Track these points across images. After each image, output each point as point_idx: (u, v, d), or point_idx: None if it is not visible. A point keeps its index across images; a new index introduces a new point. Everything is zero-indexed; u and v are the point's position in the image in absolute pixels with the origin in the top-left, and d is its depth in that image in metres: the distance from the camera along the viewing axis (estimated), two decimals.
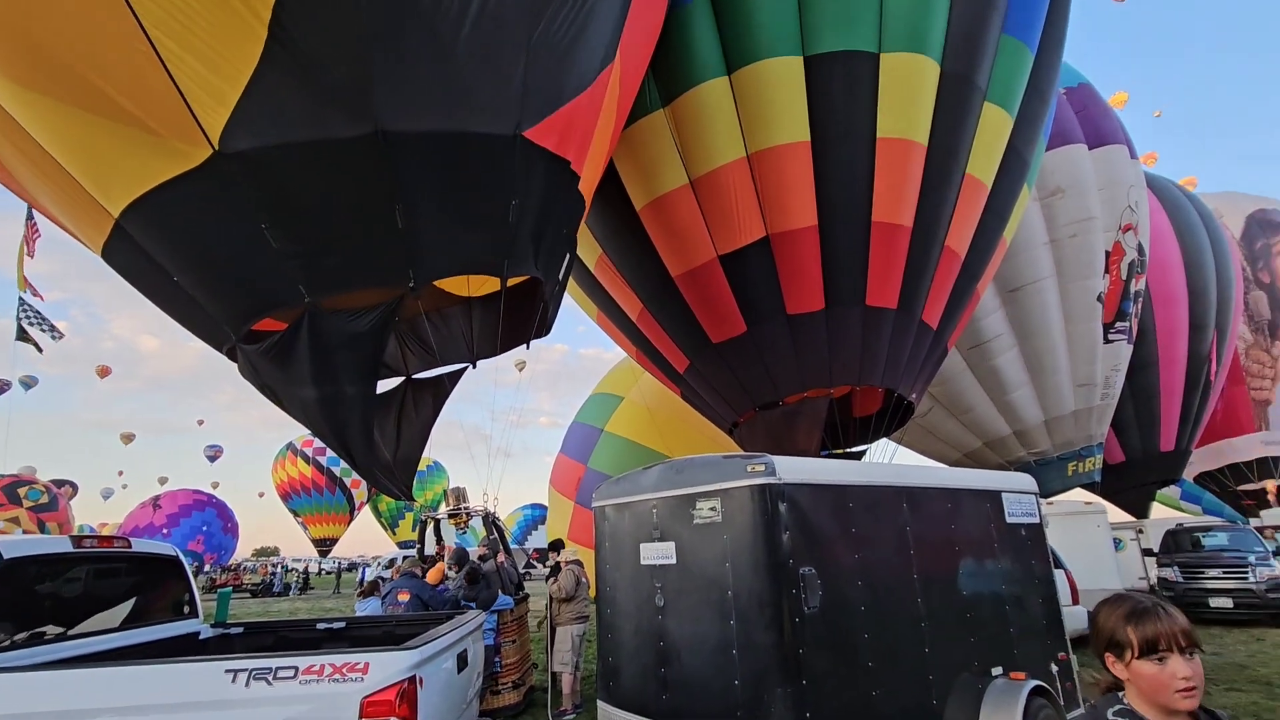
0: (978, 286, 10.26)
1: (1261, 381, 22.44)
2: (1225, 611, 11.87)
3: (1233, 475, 22.50)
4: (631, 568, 5.47)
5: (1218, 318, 18.28)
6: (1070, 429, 15.97)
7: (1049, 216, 14.49)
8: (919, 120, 7.98)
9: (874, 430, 10.87)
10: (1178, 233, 18.02)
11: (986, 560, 7.59)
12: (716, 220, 8.34)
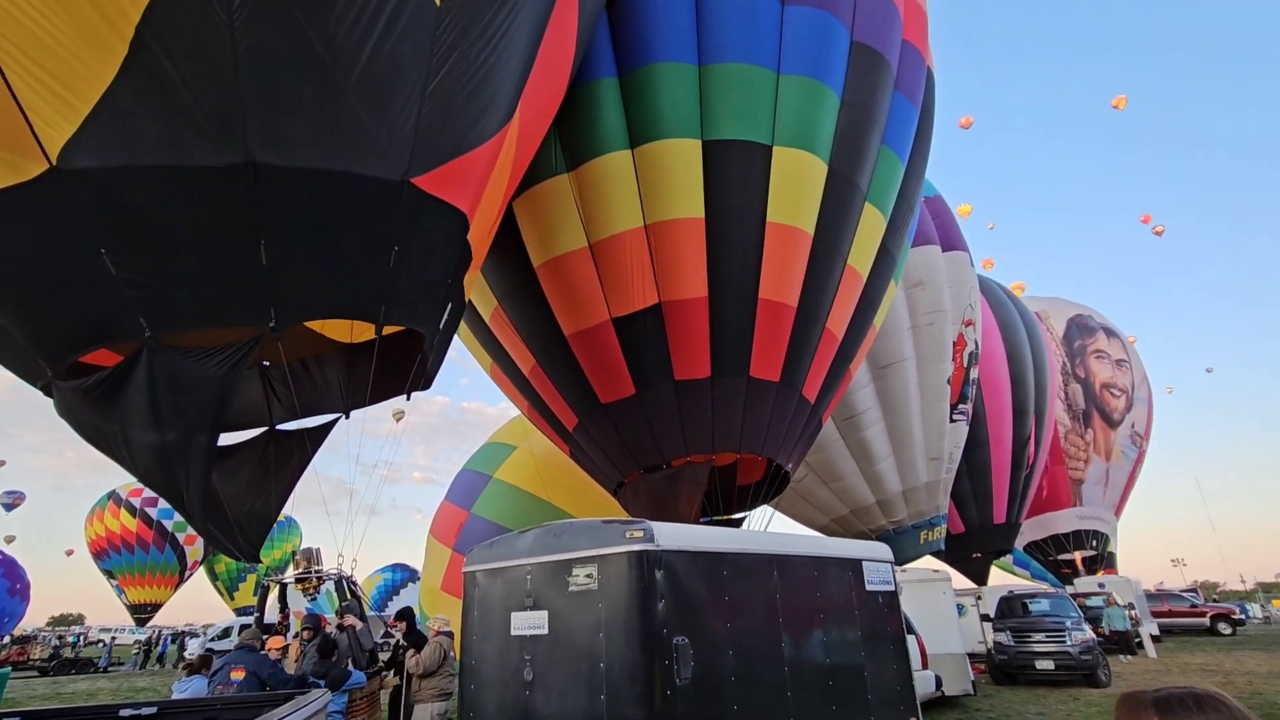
0: (851, 366, 10.56)
1: (1076, 463, 24.60)
2: (1049, 673, 12.43)
3: (1053, 546, 24.34)
4: (501, 638, 4.89)
5: (1036, 404, 19.95)
6: (923, 499, 16.72)
7: (911, 305, 15.43)
8: (807, 210, 8.20)
9: (753, 498, 10.86)
10: (1001, 328, 19.63)
11: (848, 627, 7.52)
12: (612, 284, 8.16)
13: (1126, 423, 25.83)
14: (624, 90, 7.97)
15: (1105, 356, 26.21)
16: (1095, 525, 24.47)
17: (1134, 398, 26.31)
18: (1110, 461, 24.94)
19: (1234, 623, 27.90)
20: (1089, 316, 27.29)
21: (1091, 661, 12.35)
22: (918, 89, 9.00)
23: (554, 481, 13.81)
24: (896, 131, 8.70)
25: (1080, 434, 24.72)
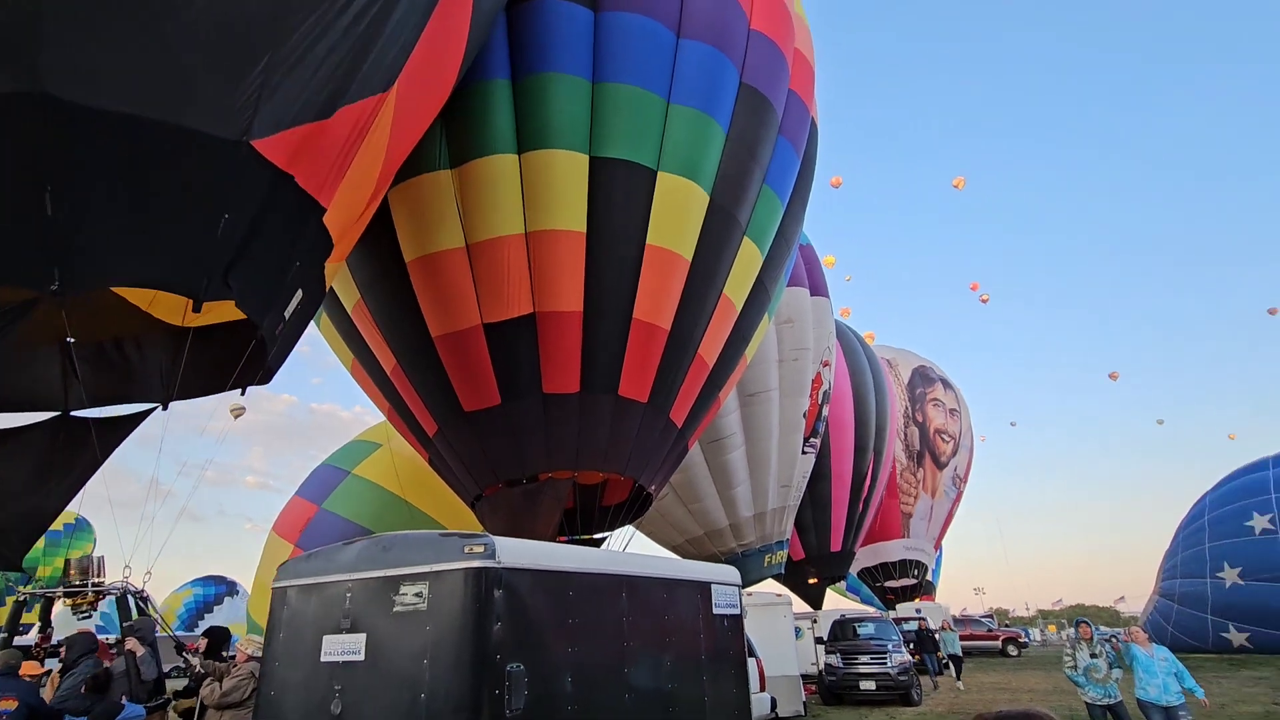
0: (721, 394, 10.66)
1: (908, 498, 26.53)
2: (871, 693, 13.05)
3: (882, 573, 26.00)
4: (308, 665, 4.20)
5: (876, 443, 21.34)
6: (771, 524, 17.22)
7: (780, 340, 16.04)
8: (687, 237, 8.16)
9: (614, 518, 10.62)
10: (852, 372, 20.91)
11: (693, 651, 7.38)
12: (487, 288, 7.68)
13: (951, 465, 28.24)
14: (516, 94, 7.61)
15: (941, 405, 28.62)
16: (918, 556, 26.42)
17: (960, 444, 28.86)
18: (935, 499, 27.12)
19: (1020, 645, 31.22)
20: (931, 368, 29.77)
21: (907, 682, 13.07)
22: (801, 137, 9.32)
23: (418, 483, 12.84)
24: (778, 174, 8.92)
25: (913, 472, 26.73)
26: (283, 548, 12.99)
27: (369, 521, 12.88)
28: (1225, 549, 24.12)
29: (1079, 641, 7.19)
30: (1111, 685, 6.83)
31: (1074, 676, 7.05)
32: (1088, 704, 6.91)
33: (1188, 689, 6.35)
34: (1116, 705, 6.77)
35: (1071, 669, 7.05)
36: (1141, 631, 6.92)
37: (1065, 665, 7.12)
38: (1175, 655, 6.70)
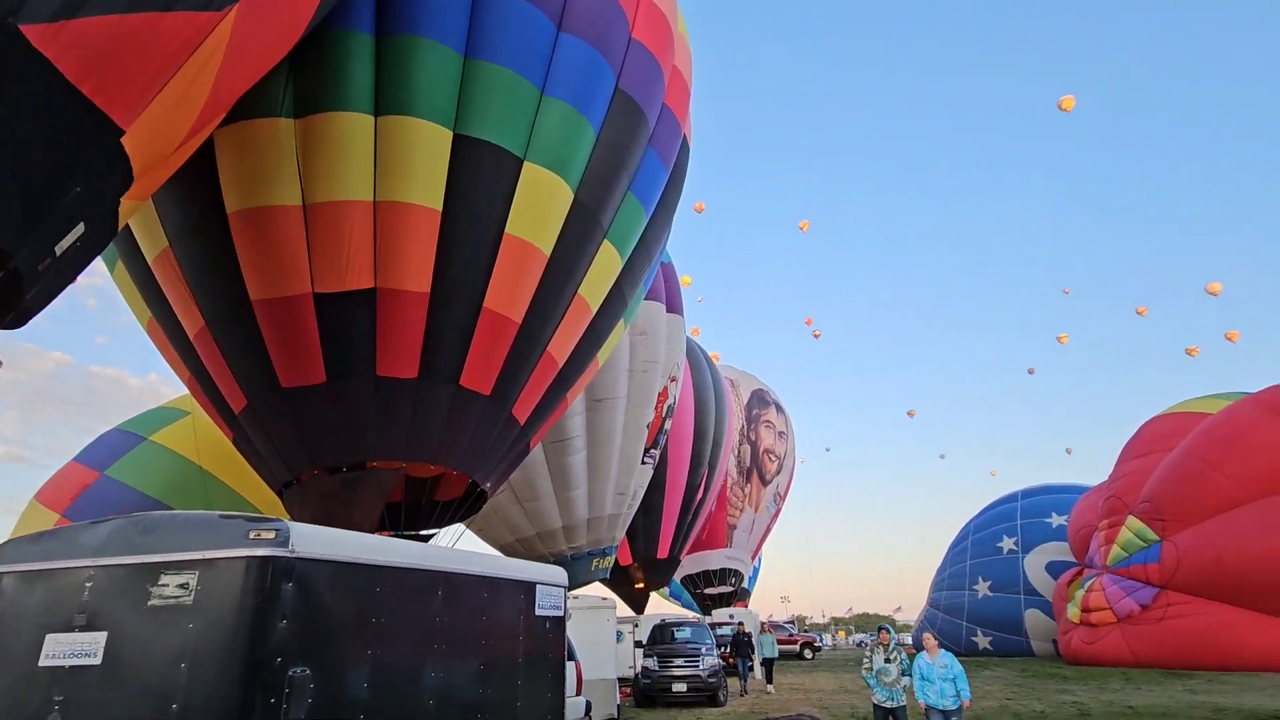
0: (568, 394, 10.41)
1: (735, 510, 27.88)
2: (682, 695, 13.35)
3: (703, 579, 27.04)
4: (19, 671, 3.36)
5: (711, 457, 22.25)
6: (604, 529, 17.21)
7: (633, 350, 16.13)
8: (547, 231, 7.88)
9: (444, 515, 9.96)
10: (696, 388, 21.64)
11: (511, 653, 7.01)
12: (323, 254, 6.88)
13: (774, 483, 30.11)
14: (380, 52, 6.93)
15: (772, 427, 30.47)
16: (738, 565, 27.80)
17: (784, 465, 30.88)
18: (758, 513, 28.75)
19: (815, 649, 33.99)
20: (768, 392, 31.64)
21: (716, 684, 13.51)
22: (671, 152, 9.42)
23: (228, 456, 11.24)
24: (645, 183, 8.93)
25: (741, 487, 28.16)
26: (44, 518, 10.87)
27: (159, 493, 11.13)
28: (981, 566, 27.81)
29: (877, 646, 7.38)
30: (898, 690, 7.04)
31: (867, 678, 7.30)
32: (874, 705, 7.18)
33: (959, 690, 6.68)
34: (899, 709, 7.02)
35: (867, 671, 7.31)
36: (932, 639, 7.21)
37: (863, 667, 7.39)
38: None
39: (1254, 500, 16.18)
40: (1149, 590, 17.40)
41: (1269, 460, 16.36)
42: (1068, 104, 28.29)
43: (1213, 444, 17.63)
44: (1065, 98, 28.02)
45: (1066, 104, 28.30)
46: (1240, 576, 15.67)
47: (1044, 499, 28.94)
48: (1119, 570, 18.28)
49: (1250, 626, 15.50)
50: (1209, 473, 17.13)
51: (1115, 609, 17.95)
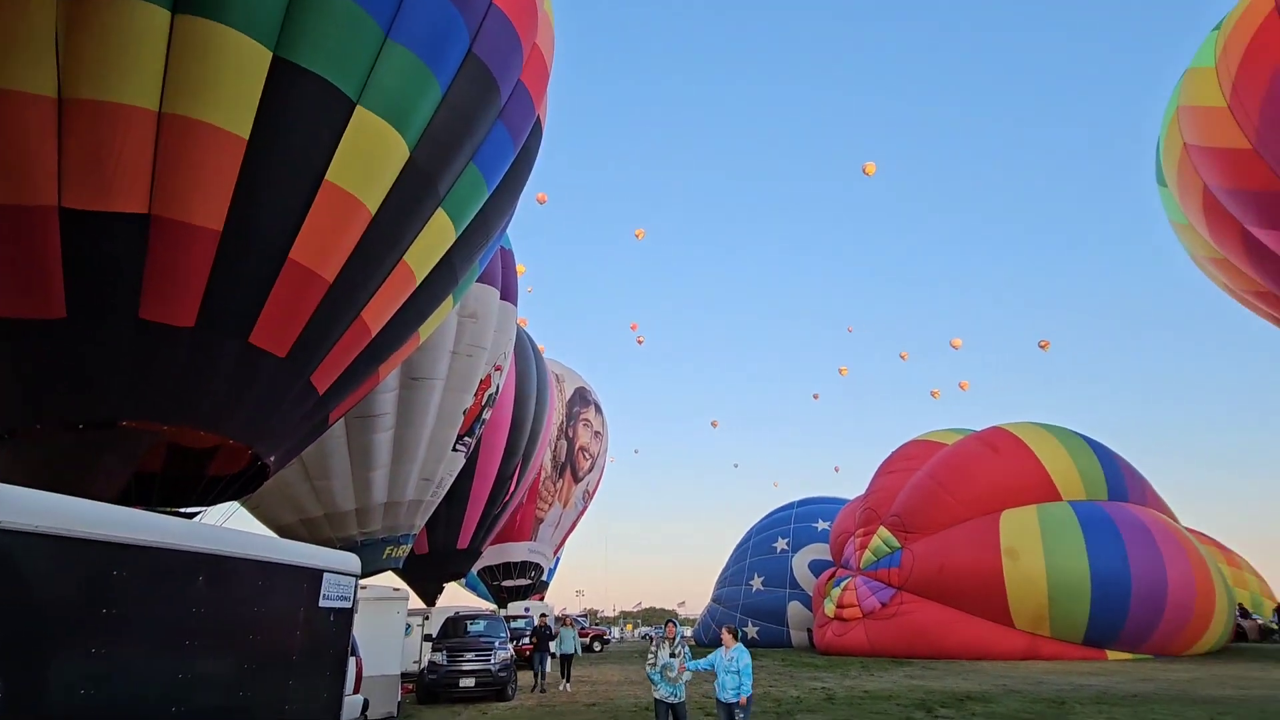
0: (380, 368, 9.50)
1: (544, 504, 27.66)
2: (470, 690, 12.83)
3: (502, 572, 26.48)
4: None
5: (526, 449, 21.89)
6: (403, 516, 16.10)
7: (459, 331, 15.27)
8: (374, 186, 7.10)
9: (215, 491, 8.57)
10: (519, 377, 21.10)
11: (285, 650, 6.17)
12: (80, 163, 5.53)
13: (586, 481, 30.43)
14: None
15: (590, 426, 30.75)
16: (538, 559, 27.63)
17: (597, 463, 31.34)
18: (566, 509, 28.84)
19: (604, 642, 35.02)
20: (590, 391, 31.89)
21: (506, 678, 13.18)
22: (522, 130, 9.01)
23: None
24: (490, 157, 8.43)
25: (554, 482, 28.04)
26: None
27: None
28: (757, 564, 30.52)
29: (663, 640, 7.09)
30: (680, 685, 6.83)
31: (651, 674, 6.98)
32: (656, 700, 6.97)
33: (741, 683, 6.55)
34: (679, 705, 6.86)
35: (651, 666, 6.98)
36: (728, 632, 6.94)
37: (647, 663, 7.09)
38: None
39: (970, 519, 19.54)
40: (889, 590, 20.20)
41: (984, 486, 19.86)
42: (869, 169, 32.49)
43: (945, 469, 21.00)
44: (868, 164, 32.17)
45: (868, 169, 32.48)
46: (955, 581, 18.78)
47: (814, 507, 32.53)
48: (869, 572, 21.02)
49: (960, 623, 18.63)
50: (941, 493, 20.36)
51: (862, 606, 20.60)
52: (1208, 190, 18.30)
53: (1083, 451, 20.24)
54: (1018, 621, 17.90)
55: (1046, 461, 19.73)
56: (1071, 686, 11.89)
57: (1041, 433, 20.87)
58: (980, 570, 18.30)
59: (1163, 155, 20.43)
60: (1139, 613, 17.06)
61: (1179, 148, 19.07)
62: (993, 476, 19.86)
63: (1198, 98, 18.31)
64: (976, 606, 18.36)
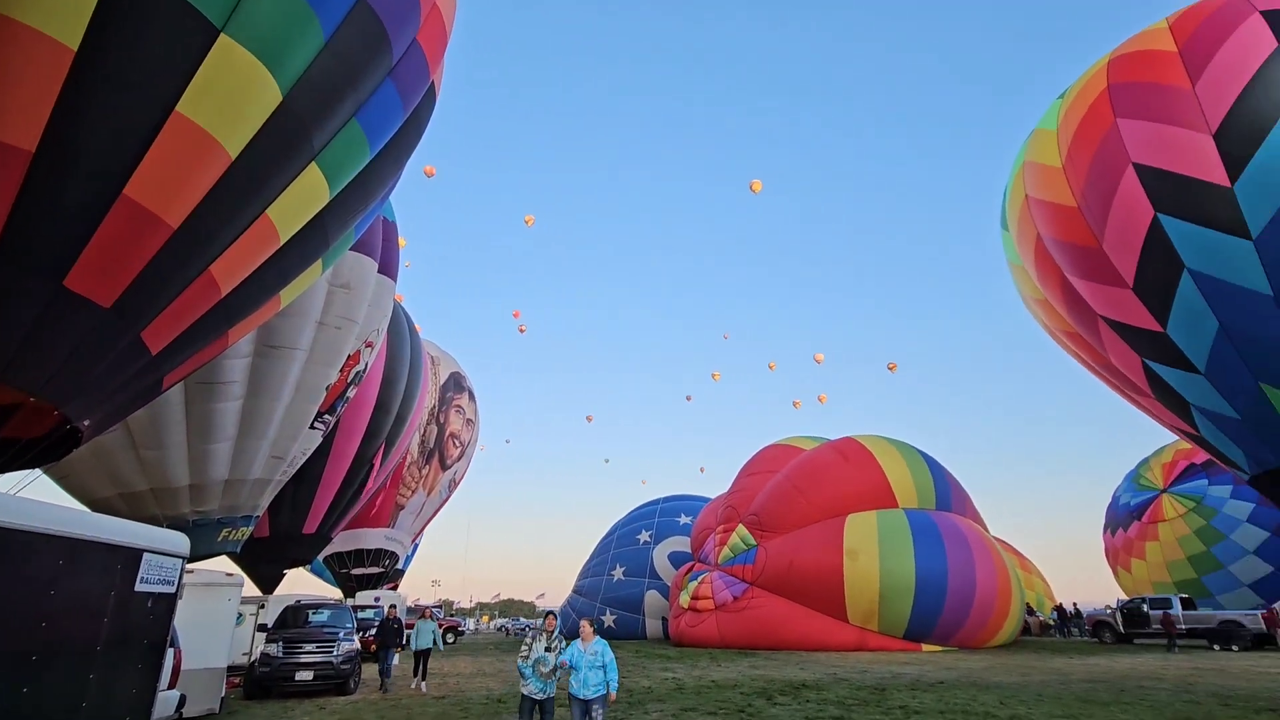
0: (230, 331, 8.58)
1: (407, 490, 26.34)
2: (308, 683, 11.93)
3: (353, 559, 24.97)
4: None
5: (391, 432, 20.74)
6: (245, 496, 14.74)
7: (328, 302, 14.13)
8: (236, 127, 6.35)
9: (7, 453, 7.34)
10: (391, 355, 19.68)
11: (88, 639, 5.44)
12: None
13: (453, 470, 29.40)
14: None
15: (462, 413, 29.69)
16: (394, 547, 26.35)
17: (466, 452, 30.36)
18: (430, 496, 27.69)
19: (459, 633, 34.18)
20: (465, 377, 30.78)
21: (349, 670, 12.41)
22: (414, 94, 8.46)
23: None
24: (375, 117, 7.85)
25: (420, 468, 26.81)
26: None
27: None
28: (620, 555, 31.08)
29: (540, 634, 6.69)
30: (551, 682, 6.52)
31: (523, 668, 6.56)
32: (523, 695, 6.54)
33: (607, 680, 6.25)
34: (547, 701, 6.50)
35: (524, 660, 6.58)
36: (588, 625, 6.59)
37: (520, 656, 6.64)
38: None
39: (820, 521, 21.02)
40: (742, 585, 21.28)
41: (833, 491, 21.43)
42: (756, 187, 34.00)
43: (801, 474, 22.44)
44: (754, 181, 33.66)
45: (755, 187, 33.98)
46: (801, 578, 20.11)
47: (679, 504, 33.61)
48: (725, 568, 22.02)
49: (802, 617, 19.98)
50: (796, 496, 21.74)
51: (716, 599, 21.54)
52: (1040, 238, 20.88)
53: (918, 465, 22.39)
54: (851, 617, 19.49)
55: (888, 472, 21.63)
56: (890, 675, 13.12)
57: (886, 445, 22.85)
58: (824, 568, 19.73)
59: (1008, 202, 23.09)
60: (951, 610, 19.15)
61: (1022, 198, 21.61)
62: (842, 483, 21.48)
63: (1040, 155, 20.86)
64: (817, 602, 19.78)
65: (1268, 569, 27.51)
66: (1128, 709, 8.90)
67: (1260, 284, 16.20)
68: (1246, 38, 16.32)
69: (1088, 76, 19.98)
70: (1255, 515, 27.60)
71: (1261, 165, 15.90)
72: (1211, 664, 14.89)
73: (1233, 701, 9.37)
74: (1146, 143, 17.34)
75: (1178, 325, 17.56)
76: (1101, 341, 20.36)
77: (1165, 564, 30.62)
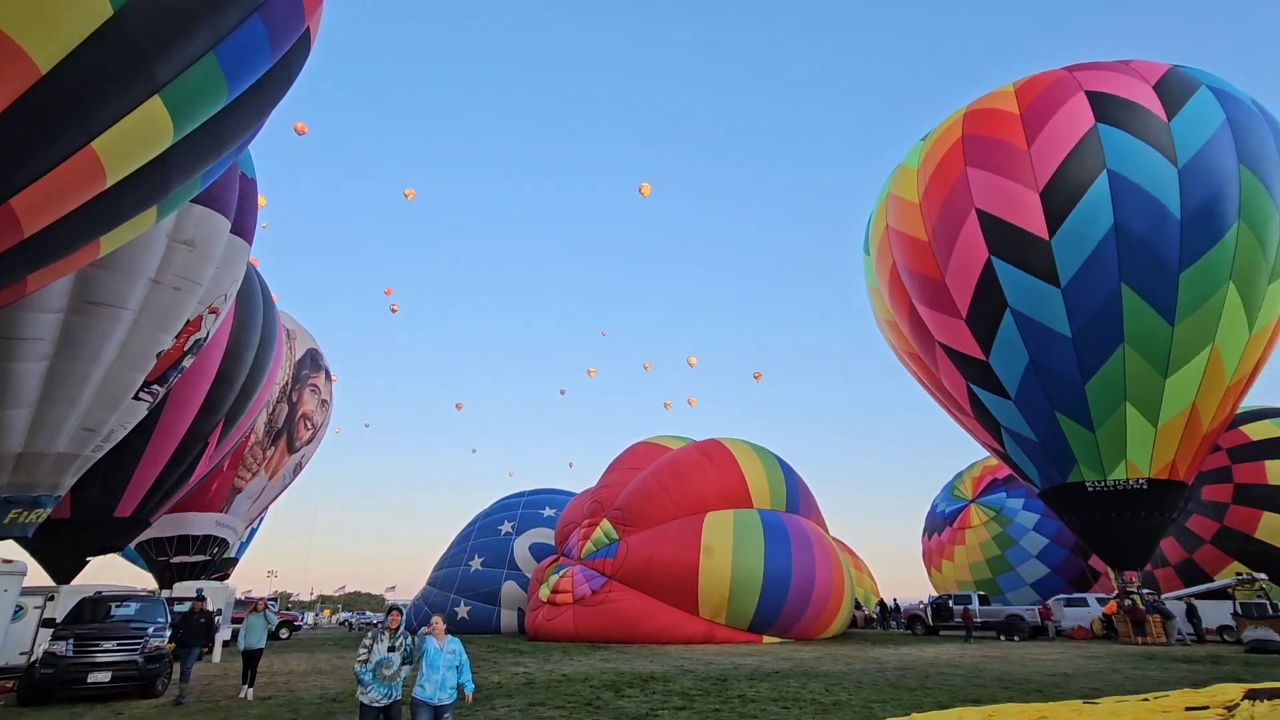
0: (29, 277, 7.27)
1: (246, 473, 23.83)
2: (104, 685, 10.36)
3: (175, 545, 22.26)
4: None
5: (233, 408, 18.68)
6: (44, 472, 12.70)
7: (167, 259, 12.40)
8: (49, 36, 5.31)
9: None
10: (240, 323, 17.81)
11: None
12: None
13: (301, 453, 27.07)
14: None
15: (317, 393, 27.38)
16: (225, 534, 23.82)
17: (317, 435, 28.06)
18: (271, 480, 25.30)
19: (294, 628, 31.64)
20: (322, 355, 28.42)
21: (156, 670, 10.97)
22: (284, 38, 7.56)
23: None
24: (237, 54, 6.95)
25: (264, 449, 24.39)
26: None
27: None
28: (480, 545, 30.30)
29: (382, 632, 5.90)
30: (395, 685, 5.78)
31: (361, 673, 5.68)
32: (362, 705, 5.63)
33: (461, 684, 5.66)
34: (392, 706, 5.75)
35: (362, 664, 5.70)
36: (440, 622, 5.94)
37: (358, 659, 5.76)
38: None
39: (681, 517, 21.66)
40: (601, 579, 21.43)
41: (696, 489, 22.16)
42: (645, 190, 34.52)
43: (667, 471, 23.01)
44: (643, 185, 34.16)
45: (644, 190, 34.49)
46: (659, 573, 20.60)
47: (544, 496, 33.32)
48: (588, 562, 22.08)
49: (657, 611, 20.45)
50: (660, 493, 22.25)
51: (575, 592, 21.53)
52: (895, 266, 22.99)
53: (774, 469, 23.73)
54: (702, 611, 20.26)
55: (747, 474, 22.73)
56: (732, 666, 13.76)
57: (747, 449, 24.00)
58: (680, 563, 20.35)
59: (871, 229, 25.21)
60: (792, 605, 20.47)
61: (883, 226, 23.69)
62: (704, 482, 22.27)
63: (901, 190, 22.97)
64: (672, 596, 20.37)
65: (1045, 570, 32.10)
66: (929, 693, 9.91)
67: (1063, 327, 18.89)
68: (1073, 112, 18.93)
69: (946, 124, 21.98)
70: (1040, 525, 32.11)
71: (1073, 225, 18.55)
72: (999, 653, 17.03)
73: (1011, 685, 10.73)
74: (988, 192, 19.59)
75: (998, 355, 20.04)
76: (937, 364, 22.65)
77: (969, 565, 34.82)
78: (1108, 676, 11.79)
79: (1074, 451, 20.01)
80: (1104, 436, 19.35)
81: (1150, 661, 14.40)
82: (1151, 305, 17.99)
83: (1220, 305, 17.88)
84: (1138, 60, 20.29)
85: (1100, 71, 19.65)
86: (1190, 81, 19.01)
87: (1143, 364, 18.36)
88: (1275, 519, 23.28)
